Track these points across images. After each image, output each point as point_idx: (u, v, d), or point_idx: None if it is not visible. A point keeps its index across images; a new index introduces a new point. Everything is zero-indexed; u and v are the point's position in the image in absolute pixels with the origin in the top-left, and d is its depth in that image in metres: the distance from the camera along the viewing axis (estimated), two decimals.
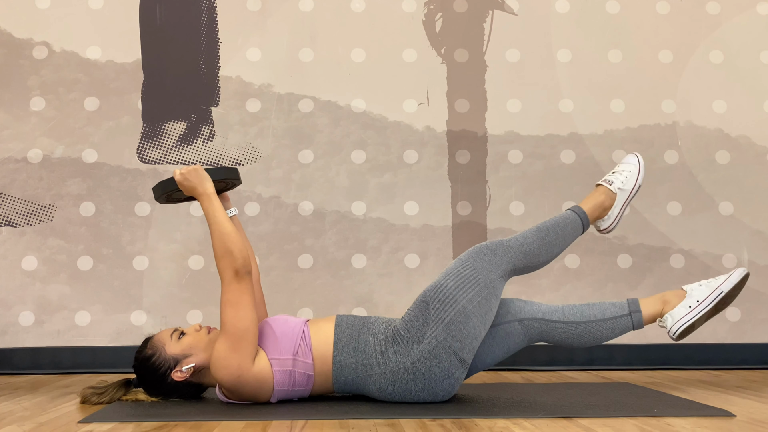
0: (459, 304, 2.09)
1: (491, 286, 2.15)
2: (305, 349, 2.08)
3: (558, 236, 2.31)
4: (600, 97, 3.19)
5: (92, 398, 2.17)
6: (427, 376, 2.07)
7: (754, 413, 1.99)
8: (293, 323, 2.13)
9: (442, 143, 3.15)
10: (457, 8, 3.20)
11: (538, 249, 2.27)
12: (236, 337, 2.01)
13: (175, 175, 2.17)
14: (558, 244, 2.32)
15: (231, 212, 2.36)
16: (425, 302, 2.11)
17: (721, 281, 2.31)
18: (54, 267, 3.03)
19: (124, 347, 3.00)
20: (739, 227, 3.15)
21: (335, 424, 1.86)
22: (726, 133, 3.20)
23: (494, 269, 2.18)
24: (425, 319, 2.09)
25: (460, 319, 2.08)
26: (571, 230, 2.35)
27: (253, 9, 3.17)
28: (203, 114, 3.13)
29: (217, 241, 2.07)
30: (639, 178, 2.44)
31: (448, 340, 2.07)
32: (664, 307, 2.31)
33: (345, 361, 2.09)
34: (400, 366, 2.07)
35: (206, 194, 2.14)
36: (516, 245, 2.24)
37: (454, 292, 2.10)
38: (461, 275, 2.14)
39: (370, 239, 3.10)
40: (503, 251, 2.22)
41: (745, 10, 3.24)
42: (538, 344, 2.97)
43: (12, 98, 3.09)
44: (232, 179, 2.31)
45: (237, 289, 2.03)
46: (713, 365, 3.04)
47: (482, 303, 2.12)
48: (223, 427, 1.83)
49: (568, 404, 2.10)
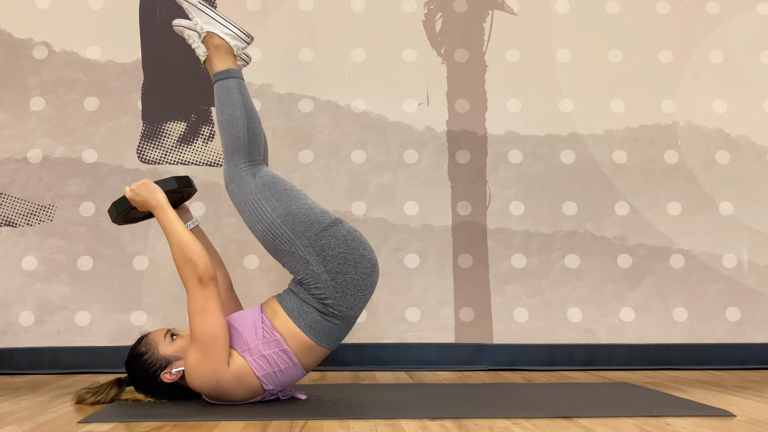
0: (275, 213, 2.17)
1: (258, 185, 2.21)
2: (268, 328, 2.10)
3: (222, 94, 2.35)
4: (600, 97, 3.19)
5: (87, 397, 2.17)
6: (328, 253, 2.14)
7: (754, 413, 1.99)
8: (249, 313, 2.15)
9: (442, 143, 3.15)
10: (457, 8, 3.20)
11: (220, 114, 2.33)
12: (206, 344, 2.02)
13: (126, 193, 2.19)
14: (229, 103, 2.34)
15: (192, 223, 2.38)
16: (275, 249, 2.19)
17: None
18: (54, 267, 3.03)
19: (124, 347, 3.00)
20: (739, 227, 3.15)
21: (335, 424, 1.86)
22: (726, 133, 3.20)
23: (244, 177, 2.24)
24: (287, 249, 2.16)
25: (286, 219, 2.16)
26: (230, 89, 2.37)
27: (253, 9, 3.16)
28: (203, 114, 3.13)
29: (176, 250, 2.07)
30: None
31: (289, 221, 2.16)
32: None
33: (309, 319, 2.11)
34: (319, 271, 2.13)
35: (159, 206, 2.15)
36: (236, 146, 2.29)
37: (266, 221, 2.18)
38: (249, 212, 2.21)
39: (370, 239, 3.09)
40: (235, 163, 2.27)
41: (745, 10, 3.24)
42: (537, 344, 2.97)
43: (12, 98, 3.09)
44: (184, 188, 2.30)
45: (202, 296, 2.03)
46: (713, 365, 3.05)
47: (269, 197, 2.19)
48: (223, 427, 1.83)
49: (568, 404, 2.10)
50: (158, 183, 2.20)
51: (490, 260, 3.10)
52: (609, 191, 3.14)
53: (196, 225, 2.38)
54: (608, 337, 3.07)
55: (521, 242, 3.11)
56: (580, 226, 3.14)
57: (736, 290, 3.11)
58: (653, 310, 3.08)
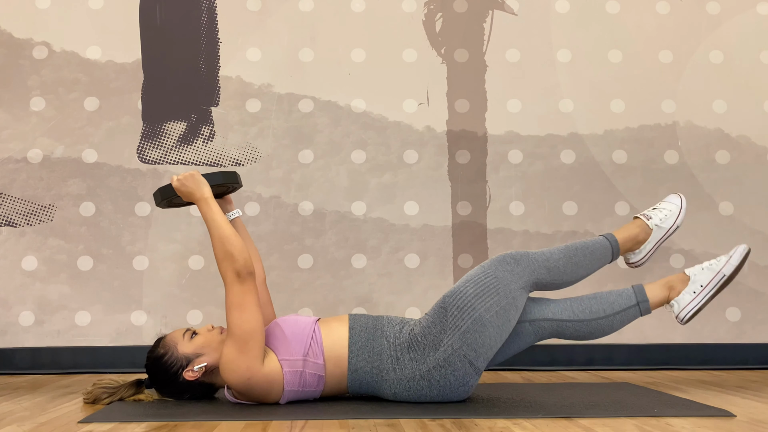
0: (476, 312, 2.08)
1: (511, 297, 2.12)
2: (316, 350, 2.08)
3: (585, 258, 2.29)
4: (600, 97, 3.19)
5: (104, 397, 2.17)
6: (442, 384, 2.07)
7: (754, 413, 1.99)
8: (303, 323, 2.12)
9: (442, 143, 3.15)
10: (457, 8, 3.20)
11: (564, 267, 2.26)
12: (243, 339, 2.01)
13: (173, 181, 2.18)
14: (584, 266, 2.30)
15: (233, 214, 2.37)
16: (443, 308, 2.10)
17: (723, 264, 2.33)
18: (54, 267, 3.03)
19: (124, 347, 3.01)
20: (739, 227, 3.15)
21: (335, 424, 1.86)
22: (726, 133, 3.20)
23: (516, 279, 2.15)
24: (443, 326, 2.08)
25: (476, 328, 2.07)
26: (599, 255, 2.33)
27: (253, 9, 3.17)
28: (203, 114, 3.13)
29: (216, 244, 2.07)
30: (678, 219, 2.41)
31: (464, 348, 2.06)
32: (670, 293, 2.33)
33: (360, 366, 2.09)
34: (416, 373, 2.07)
35: (203, 199, 2.14)
36: (541, 259, 2.23)
37: (473, 300, 2.09)
38: (481, 283, 2.11)
39: (370, 239, 3.10)
40: (527, 262, 2.19)
41: (745, 10, 3.24)
42: (537, 344, 2.98)
43: (12, 98, 3.09)
44: (230, 183, 2.31)
45: (240, 291, 2.03)
46: (713, 365, 3.04)
47: (500, 313, 2.10)
48: (223, 427, 1.83)
49: (568, 404, 2.10)
50: (205, 176, 2.20)
51: None
52: (609, 191, 3.14)
53: (237, 216, 2.38)
54: (608, 337, 3.06)
55: (521, 242, 3.11)
56: (580, 226, 3.14)
57: (736, 290, 3.10)
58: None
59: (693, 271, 2.35)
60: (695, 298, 2.33)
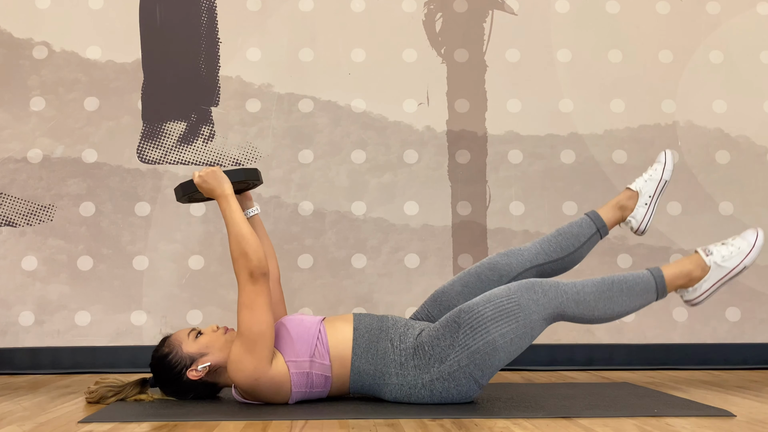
0: (490, 336, 2.03)
1: (529, 327, 2.06)
2: (322, 351, 2.07)
3: (622, 293, 2.14)
4: (600, 97, 3.19)
5: (109, 395, 2.17)
6: (444, 395, 2.07)
7: (754, 413, 1.99)
8: (308, 324, 2.12)
9: (442, 143, 3.15)
10: (457, 8, 3.20)
11: (595, 301, 2.11)
12: (251, 340, 2.01)
13: (194, 177, 2.18)
14: (620, 302, 2.13)
15: (252, 212, 2.38)
16: (457, 324, 2.05)
17: (661, 171, 2.46)
18: (54, 267, 3.03)
19: (124, 347, 3.01)
20: (739, 227, 3.15)
21: (335, 424, 1.86)
22: (726, 133, 3.20)
23: (539, 310, 2.07)
24: (452, 341, 2.05)
25: (487, 350, 2.03)
26: (640, 291, 2.15)
27: (253, 9, 3.16)
28: (203, 114, 3.13)
29: (233, 243, 2.07)
30: (747, 258, 2.16)
31: (470, 367, 2.04)
32: (623, 213, 2.45)
33: (363, 368, 2.08)
34: (418, 381, 2.06)
35: (224, 196, 2.14)
36: (572, 291, 2.10)
37: (488, 322, 2.04)
38: (502, 307, 2.05)
39: (370, 239, 3.10)
40: (555, 294, 2.09)
41: (745, 10, 3.23)
42: (537, 344, 2.97)
43: (12, 98, 3.09)
44: (251, 180, 2.32)
45: (252, 291, 2.03)
46: (713, 365, 3.04)
47: (514, 340, 2.05)
48: (222, 427, 1.83)
49: (568, 404, 2.10)
50: (226, 173, 2.21)
51: None
52: (609, 191, 3.14)
53: (256, 213, 2.38)
54: (608, 336, 3.07)
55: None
56: None
57: (736, 290, 3.11)
58: (653, 310, 3.08)
59: (638, 185, 2.44)
60: (648, 209, 2.43)
